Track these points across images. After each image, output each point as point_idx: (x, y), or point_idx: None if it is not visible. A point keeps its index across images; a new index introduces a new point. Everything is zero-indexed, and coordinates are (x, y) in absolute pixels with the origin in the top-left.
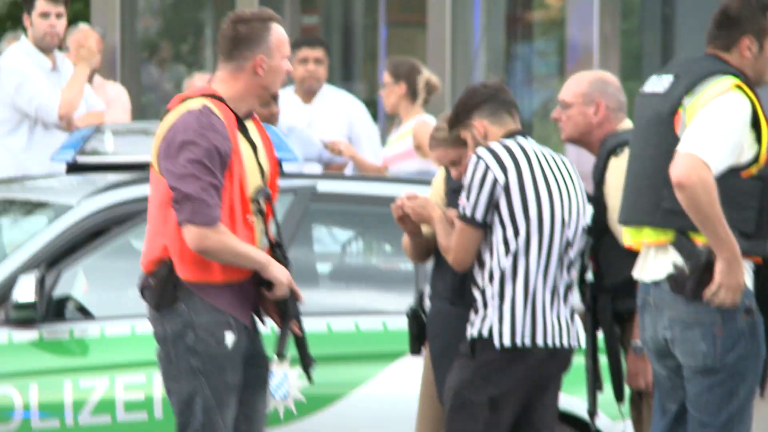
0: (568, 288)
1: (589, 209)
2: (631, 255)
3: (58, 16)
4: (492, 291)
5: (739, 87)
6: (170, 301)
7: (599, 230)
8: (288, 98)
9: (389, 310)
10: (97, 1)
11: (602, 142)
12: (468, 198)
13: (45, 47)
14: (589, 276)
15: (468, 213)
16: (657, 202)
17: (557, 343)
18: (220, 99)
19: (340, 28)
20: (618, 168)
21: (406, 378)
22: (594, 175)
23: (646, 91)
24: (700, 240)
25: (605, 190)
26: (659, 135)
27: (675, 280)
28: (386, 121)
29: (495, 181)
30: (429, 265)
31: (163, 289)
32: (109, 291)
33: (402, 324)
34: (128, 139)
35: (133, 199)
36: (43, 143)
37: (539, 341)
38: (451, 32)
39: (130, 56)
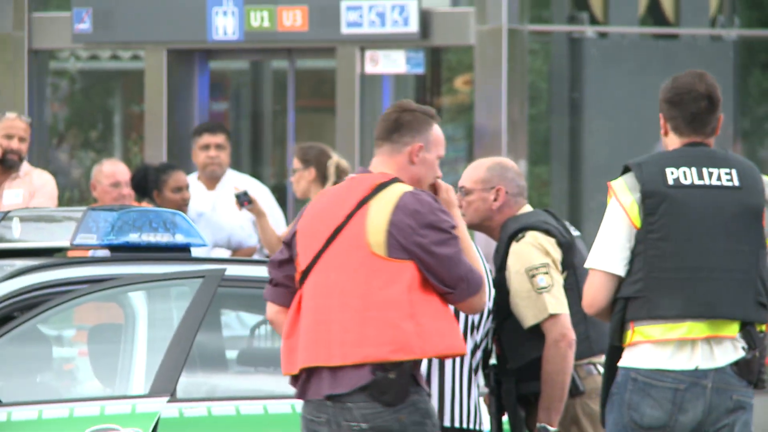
0: (474, 371)
1: (493, 292)
2: (534, 338)
3: None
4: None
5: None
6: (406, 394)
7: (502, 313)
8: (192, 185)
9: None
10: (5, 87)
11: (503, 227)
12: None
13: None
14: (493, 360)
15: None
16: (755, 297)
17: (464, 426)
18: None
19: (248, 114)
20: (518, 252)
21: None
22: (495, 259)
23: (704, 184)
24: (760, 328)
25: (507, 274)
26: (754, 229)
27: (747, 366)
28: (296, 206)
29: None
30: None
31: (405, 383)
32: (17, 377)
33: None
34: (36, 225)
35: (42, 284)
36: None
37: (446, 423)
38: (360, 117)
39: (38, 142)
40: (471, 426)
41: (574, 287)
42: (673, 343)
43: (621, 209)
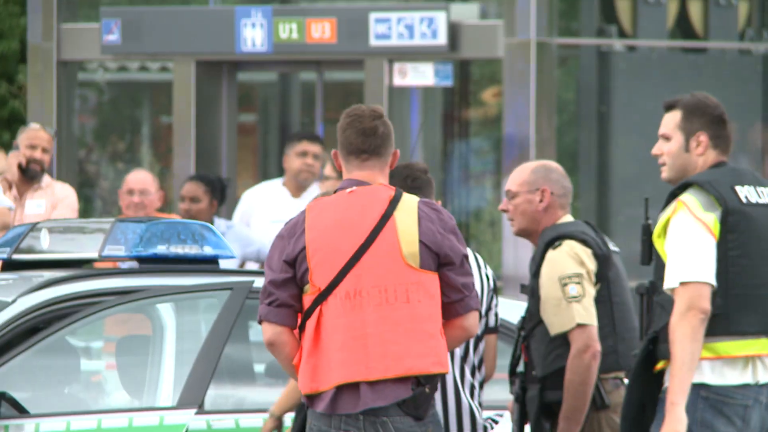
0: (472, 385)
1: (494, 300)
2: (562, 347)
3: None
4: None
5: None
6: (431, 407)
7: (533, 320)
8: (273, 191)
9: None
10: (34, 98)
11: (541, 234)
12: None
13: None
14: (520, 367)
15: None
16: None
17: None
18: None
19: (277, 126)
20: (553, 260)
21: None
22: (531, 266)
23: (763, 202)
24: None
25: (540, 281)
26: None
27: None
28: None
29: None
30: None
31: (433, 396)
32: (45, 388)
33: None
34: (64, 236)
35: (70, 296)
36: None
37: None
38: None
39: (67, 154)
40: None
41: (606, 300)
42: (742, 359)
43: (701, 225)
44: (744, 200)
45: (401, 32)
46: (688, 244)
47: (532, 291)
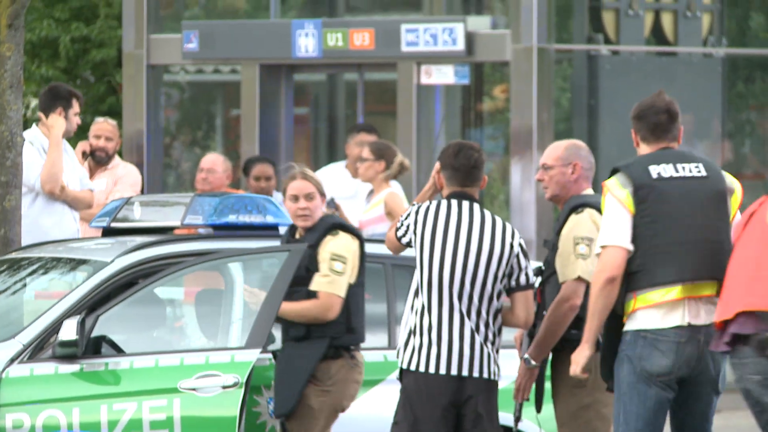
0: (479, 325)
1: (522, 263)
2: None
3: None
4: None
5: None
6: None
7: (550, 269)
8: (337, 172)
9: (367, 347)
10: (128, 96)
11: (567, 201)
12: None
13: (67, 136)
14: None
15: None
16: (725, 262)
17: (463, 372)
18: None
19: (326, 118)
20: (575, 222)
21: (381, 402)
22: (555, 225)
23: (680, 175)
24: None
25: (560, 237)
26: (722, 208)
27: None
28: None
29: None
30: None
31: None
32: (138, 332)
33: (375, 357)
34: (153, 208)
35: (157, 257)
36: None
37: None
38: (417, 120)
39: (155, 141)
40: (472, 373)
41: None
42: (666, 304)
43: (616, 201)
44: (655, 176)
45: (427, 40)
46: (607, 217)
47: (552, 246)
